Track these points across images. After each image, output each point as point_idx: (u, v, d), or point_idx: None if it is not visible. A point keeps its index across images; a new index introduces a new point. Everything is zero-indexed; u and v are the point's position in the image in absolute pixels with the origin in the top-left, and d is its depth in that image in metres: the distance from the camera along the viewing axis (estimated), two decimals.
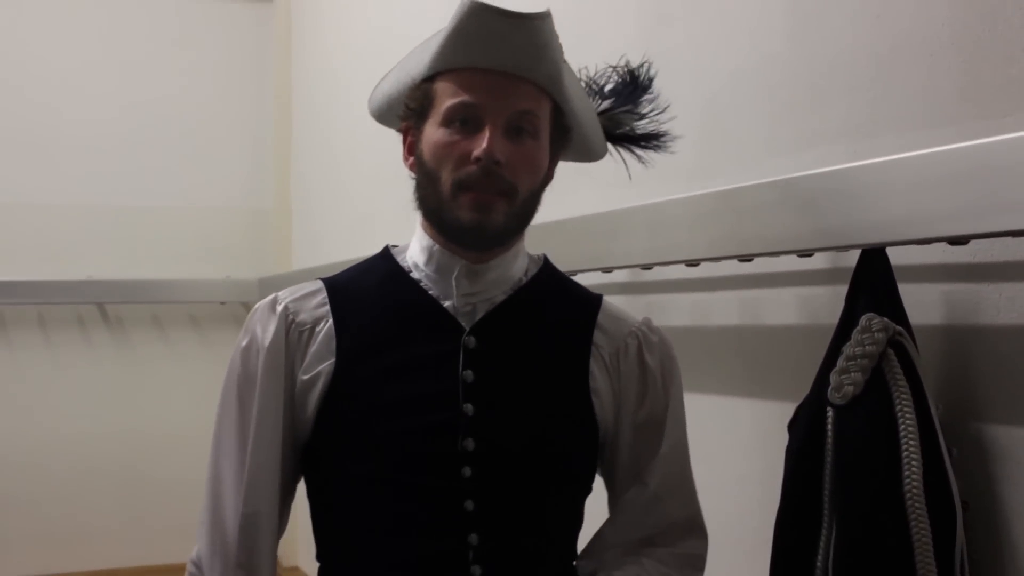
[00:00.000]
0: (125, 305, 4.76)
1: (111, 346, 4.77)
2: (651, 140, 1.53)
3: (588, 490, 1.43)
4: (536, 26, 1.27)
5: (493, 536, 1.32)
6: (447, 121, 1.30)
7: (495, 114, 1.28)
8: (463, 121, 1.29)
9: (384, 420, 1.32)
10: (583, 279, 1.60)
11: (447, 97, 1.30)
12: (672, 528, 1.43)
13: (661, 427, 1.42)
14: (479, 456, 1.32)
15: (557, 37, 1.31)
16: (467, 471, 1.31)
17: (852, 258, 1.39)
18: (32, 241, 4.64)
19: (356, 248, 3.35)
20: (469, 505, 1.31)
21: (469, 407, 1.32)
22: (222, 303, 4.82)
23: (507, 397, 1.34)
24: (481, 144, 1.27)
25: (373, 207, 3.60)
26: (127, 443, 4.69)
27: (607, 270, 1.99)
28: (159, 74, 4.82)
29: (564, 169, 1.44)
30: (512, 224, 1.33)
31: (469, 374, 1.33)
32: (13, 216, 4.62)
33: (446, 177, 1.29)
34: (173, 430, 4.64)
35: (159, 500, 4.65)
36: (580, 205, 2.04)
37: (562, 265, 1.49)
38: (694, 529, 1.45)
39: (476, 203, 1.28)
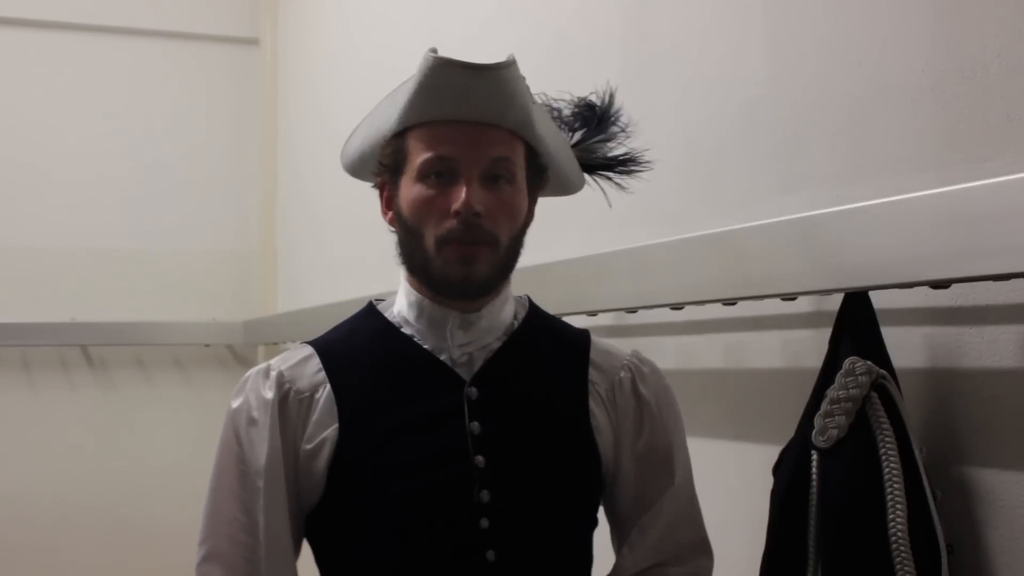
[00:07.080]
0: (109, 347, 4.72)
1: (95, 388, 4.73)
2: (625, 165, 1.52)
3: (595, 524, 1.44)
4: (501, 75, 1.27)
5: None
6: (422, 176, 1.29)
7: (470, 165, 1.28)
8: (438, 174, 1.29)
9: (397, 481, 1.31)
10: (568, 322, 1.60)
11: (420, 152, 1.30)
12: (684, 550, 1.44)
13: (667, 456, 1.43)
14: (496, 507, 1.31)
15: (524, 80, 1.31)
16: (484, 523, 1.31)
17: (835, 302, 1.40)
18: (15, 283, 4.61)
19: (341, 291, 3.34)
20: (490, 556, 1.31)
21: (480, 459, 1.32)
22: (206, 345, 4.78)
23: (516, 445, 1.34)
24: (459, 197, 1.26)
25: (358, 250, 3.59)
26: (110, 485, 4.64)
27: (592, 313, 1.99)
28: (143, 117, 4.81)
29: (549, 213, 1.44)
30: (498, 272, 1.34)
31: (476, 426, 1.33)
32: None
33: (429, 234, 1.29)
34: (157, 472, 4.59)
35: (143, 543, 4.60)
36: (565, 249, 2.04)
37: (548, 308, 1.50)
38: (703, 550, 1.47)
39: (460, 257, 1.28)
